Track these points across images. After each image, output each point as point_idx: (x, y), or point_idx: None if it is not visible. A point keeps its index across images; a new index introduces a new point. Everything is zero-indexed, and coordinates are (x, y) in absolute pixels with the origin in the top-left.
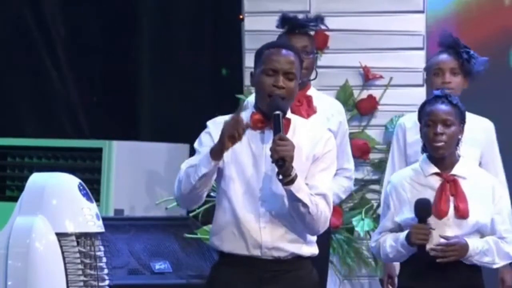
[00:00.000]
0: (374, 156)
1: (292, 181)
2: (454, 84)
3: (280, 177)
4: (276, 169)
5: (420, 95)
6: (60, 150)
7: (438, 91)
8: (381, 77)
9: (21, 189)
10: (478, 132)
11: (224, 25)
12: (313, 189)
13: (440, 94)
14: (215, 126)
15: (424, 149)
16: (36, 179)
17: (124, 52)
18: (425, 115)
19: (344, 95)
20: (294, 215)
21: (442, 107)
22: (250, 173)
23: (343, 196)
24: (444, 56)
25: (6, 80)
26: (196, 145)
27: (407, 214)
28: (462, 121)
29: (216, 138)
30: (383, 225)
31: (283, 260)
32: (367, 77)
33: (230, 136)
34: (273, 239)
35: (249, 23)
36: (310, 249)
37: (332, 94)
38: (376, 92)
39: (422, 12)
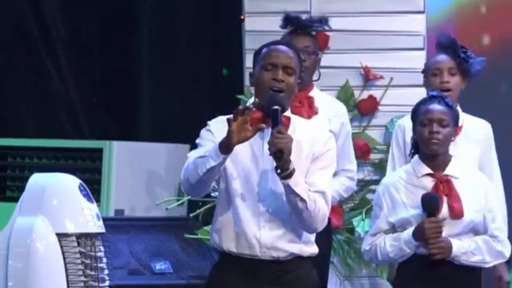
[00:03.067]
0: (374, 156)
1: (290, 175)
2: (452, 83)
3: (278, 171)
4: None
5: (420, 95)
6: (60, 150)
7: (434, 92)
8: (381, 77)
9: (21, 189)
10: (478, 132)
11: (224, 25)
12: (312, 187)
13: (436, 94)
14: (216, 124)
15: (415, 151)
16: (37, 179)
17: (124, 52)
18: (421, 114)
19: (344, 96)
20: (292, 211)
21: (439, 107)
22: (251, 171)
23: (345, 195)
24: (442, 57)
25: (6, 80)
26: (197, 140)
27: (401, 214)
28: (456, 123)
29: (217, 135)
30: (377, 227)
31: (283, 260)
32: (368, 77)
33: (235, 123)
34: (272, 239)
35: (250, 23)
36: (310, 249)
37: (333, 94)
38: (376, 93)
39: (422, 12)
